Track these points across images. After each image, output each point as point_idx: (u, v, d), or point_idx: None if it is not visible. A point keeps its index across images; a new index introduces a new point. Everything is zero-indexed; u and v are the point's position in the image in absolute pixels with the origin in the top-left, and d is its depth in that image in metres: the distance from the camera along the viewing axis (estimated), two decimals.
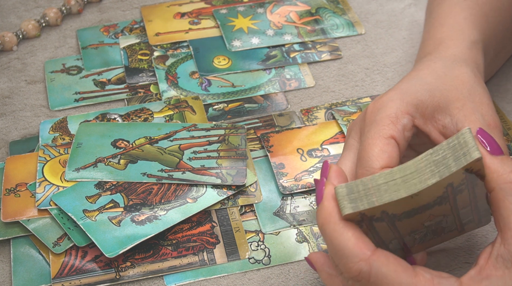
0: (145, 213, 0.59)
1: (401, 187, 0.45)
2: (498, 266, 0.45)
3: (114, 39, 0.77)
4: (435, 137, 0.53)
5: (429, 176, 0.45)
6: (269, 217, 0.61)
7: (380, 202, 0.45)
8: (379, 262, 0.46)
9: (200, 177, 0.62)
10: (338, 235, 0.46)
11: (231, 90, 0.71)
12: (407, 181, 0.45)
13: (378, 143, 0.51)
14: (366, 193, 0.46)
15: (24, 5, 0.82)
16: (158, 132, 0.66)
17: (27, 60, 0.76)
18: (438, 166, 0.45)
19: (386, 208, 0.46)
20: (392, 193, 0.45)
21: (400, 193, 0.45)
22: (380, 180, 0.46)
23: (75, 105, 0.70)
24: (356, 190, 0.46)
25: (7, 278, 0.57)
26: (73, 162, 0.63)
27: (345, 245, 0.46)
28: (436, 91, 0.54)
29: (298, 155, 0.65)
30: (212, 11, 0.80)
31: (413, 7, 0.80)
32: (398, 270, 0.46)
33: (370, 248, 0.46)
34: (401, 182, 0.45)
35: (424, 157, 0.46)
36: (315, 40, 0.76)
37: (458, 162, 0.45)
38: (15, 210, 0.60)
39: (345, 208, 0.46)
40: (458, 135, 0.45)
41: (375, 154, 0.51)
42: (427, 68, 0.56)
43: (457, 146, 0.45)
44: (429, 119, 0.53)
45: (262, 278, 0.57)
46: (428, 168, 0.45)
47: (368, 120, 0.53)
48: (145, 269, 0.57)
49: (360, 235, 0.47)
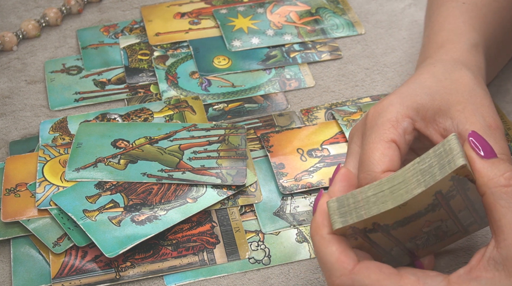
0: (145, 213, 0.59)
1: (389, 198, 0.45)
2: (489, 268, 0.45)
3: (114, 39, 0.77)
4: (436, 140, 0.53)
5: (415, 186, 0.45)
6: (269, 217, 0.61)
7: (368, 214, 0.45)
8: (361, 275, 0.46)
9: (200, 177, 0.62)
10: (323, 248, 0.48)
11: (231, 90, 0.71)
12: (394, 192, 0.45)
13: (379, 147, 0.51)
14: (355, 207, 0.46)
15: (24, 5, 0.82)
16: (158, 132, 0.66)
17: (27, 60, 0.76)
18: (424, 175, 0.45)
19: (376, 219, 0.46)
20: (380, 205, 0.45)
21: (387, 205, 0.45)
22: (370, 192, 0.46)
23: (75, 105, 0.70)
24: (346, 203, 0.46)
25: (7, 278, 0.57)
26: (73, 162, 0.63)
27: (328, 259, 0.47)
28: (437, 95, 0.54)
29: (298, 155, 0.65)
30: (212, 11, 0.80)
31: (413, 7, 0.80)
32: (381, 279, 0.46)
33: (352, 262, 0.47)
34: (388, 193, 0.45)
35: (411, 167, 0.45)
36: (315, 40, 0.76)
37: (443, 170, 0.44)
38: (15, 210, 0.60)
39: (335, 223, 0.46)
40: (444, 142, 0.45)
41: (376, 158, 0.51)
42: (427, 72, 0.56)
43: (442, 153, 0.45)
44: (430, 122, 0.53)
45: (262, 278, 0.57)
46: (414, 178, 0.45)
47: (369, 124, 0.53)
48: (145, 269, 0.57)
49: (344, 249, 0.47)
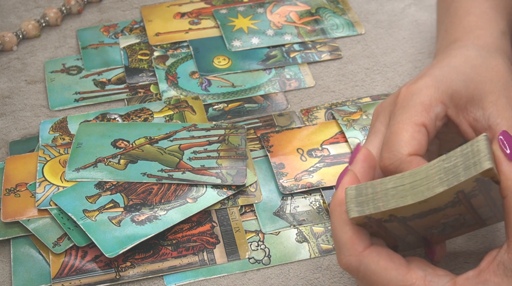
0: (145, 213, 0.59)
1: (409, 194, 0.44)
2: (498, 272, 0.45)
3: (114, 39, 0.77)
4: (464, 129, 0.52)
5: (437, 184, 0.44)
6: (269, 217, 0.61)
7: (386, 207, 0.45)
8: (369, 259, 0.46)
9: (200, 177, 0.62)
10: (339, 225, 0.47)
11: (231, 90, 0.71)
12: (415, 188, 0.44)
13: (409, 129, 0.50)
14: (373, 197, 0.45)
15: (24, 5, 0.82)
16: (158, 132, 0.66)
17: (27, 60, 0.76)
18: (447, 174, 0.44)
19: (394, 212, 0.45)
20: (399, 199, 0.45)
21: (406, 200, 0.44)
22: (390, 184, 0.45)
23: (75, 105, 0.70)
24: (364, 193, 0.46)
25: (7, 278, 0.57)
26: (73, 162, 0.63)
27: (342, 237, 0.47)
28: (471, 83, 0.52)
29: (298, 155, 0.65)
30: (212, 11, 0.80)
31: (413, 7, 0.80)
32: (389, 268, 0.46)
33: (363, 245, 0.47)
34: (409, 188, 0.45)
35: (436, 163, 0.44)
36: (315, 40, 0.76)
37: (468, 172, 0.43)
38: (15, 210, 0.60)
39: (351, 212, 0.46)
40: (472, 142, 0.44)
41: (404, 140, 0.50)
42: (461, 55, 0.54)
43: (469, 154, 0.44)
44: (462, 110, 0.52)
45: (262, 278, 0.57)
46: (437, 175, 0.44)
47: (400, 104, 0.52)
48: (145, 269, 0.57)
49: (358, 231, 0.47)
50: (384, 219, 0.47)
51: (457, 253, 0.57)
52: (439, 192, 0.44)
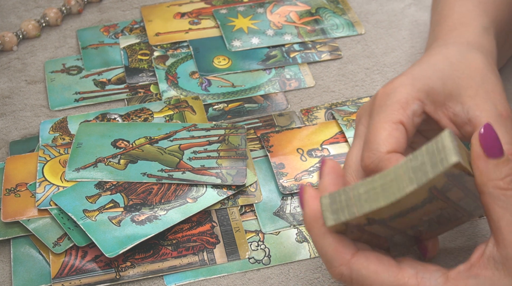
0: (145, 213, 0.59)
1: (380, 196, 0.44)
2: (489, 266, 0.45)
3: (114, 39, 0.77)
4: (445, 124, 0.52)
5: (407, 184, 0.44)
6: (269, 217, 0.61)
7: (361, 212, 0.45)
8: (359, 265, 0.46)
9: (200, 177, 0.62)
10: (321, 240, 0.47)
11: (231, 90, 0.71)
12: (386, 190, 0.44)
13: (386, 127, 0.50)
14: (347, 204, 0.45)
15: (24, 5, 0.82)
16: (158, 132, 0.66)
17: (27, 60, 0.76)
18: (416, 173, 0.44)
19: (371, 215, 0.45)
20: (372, 203, 0.45)
21: (379, 203, 0.44)
22: (361, 189, 0.45)
23: (75, 105, 0.70)
24: (338, 200, 0.46)
25: (7, 278, 0.57)
26: (73, 162, 0.63)
27: (326, 250, 0.47)
28: (448, 79, 0.52)
29: (298, 155, 0.65)
30: (212, 11, 0.80)
31: (413, 7, 0.80)
32: (379, 270, 0.46)
33: (350, 252, 0.47)
34: (380, 190, 0.45)
35: (403, 164, 0.44)
36: (315, 40, 0.76)
37: (435, 168, 0.43)
38: (15, 210, 0.60)
39: (328, 220, 0.46)
40: (437, 139, 0.44)
41: (382, 138, 0.50)
42: (439, 53, 0.55)
43: (435, 151, 0.44)
44: (440, 106, 0.52)
45: (262, 278, 0.57)
46: (406, 175, 0.44)
47: (377, 104, 0.52)
48: (145, 269, 0.57)
49: (341, 239, 0.47)
50: (363, 223, 0.47)
51: (457, 253, 0.57)
52: (409, 192, 0.44)
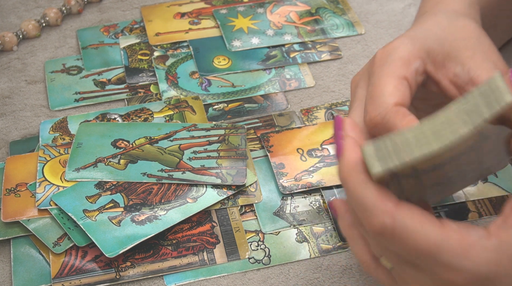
0: (145, 213, 0.59)
1: (432, 140, 0.42)
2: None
3: (114, 39, 0.77)
4: (445, 85, 0.52)
5: (461, 126, 0.42)
6: (269, 217, 0.61)
7: (411, 157, 0.43)
8: (403, 215, 0.43)
9: (200, 177, 0.62)
10: (361, 187, 0.44)
11: (231, 90, 0.71)
12: (438, 133, 0.43)
13: (392, 81, 0.49)
14: (395, 150, 0.43)
15: (24, 5, 0.82)
16: (158, 132, 0.66)
17: (27, 60, 0.76)
18: (470, 115, 0.42)
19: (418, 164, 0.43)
20: (423, 147, 0.42)
21: (431, 147, 0.42)
22: (409, 134, 0.43)
23: (75, 105, 0.70)
24: (383, 146, 0.43)
25: (7, 278, 0.57)
26: (73, 162, 0.64)
27: (368, 198, 0.44)
28: (445, 41, 0.52)
29: (298, 155, 0.65)
30: (212, 11, 0.80)
31: (413, 7, 0.80)
32: (424, 222, 0.43)
33: (393, 201, 0.44)
34: (431, 134, 0.43)
35: (453, 107, 0.43)
36: (315, 40, 0.76)
37: (491, 108, 0.42)
38: (15, 210, 0.60)
39: (374, 167, 0.43)
40: (488, 81, 0.43)
41: (389, 90, 0.48)
42: (430, 20, 0.54)
43: (488, 91, 0.42)
44: (440, 67, 0.52)
45: (262, 278, 0.57)
46: (459, 118, 0.42)
47: (378, 63, 0.51)
48: (145, 269, 0.57)
49: (383, 189, 0.44)
50: (404, 173, 0.44)
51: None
52: (464, 133, 0.42)
